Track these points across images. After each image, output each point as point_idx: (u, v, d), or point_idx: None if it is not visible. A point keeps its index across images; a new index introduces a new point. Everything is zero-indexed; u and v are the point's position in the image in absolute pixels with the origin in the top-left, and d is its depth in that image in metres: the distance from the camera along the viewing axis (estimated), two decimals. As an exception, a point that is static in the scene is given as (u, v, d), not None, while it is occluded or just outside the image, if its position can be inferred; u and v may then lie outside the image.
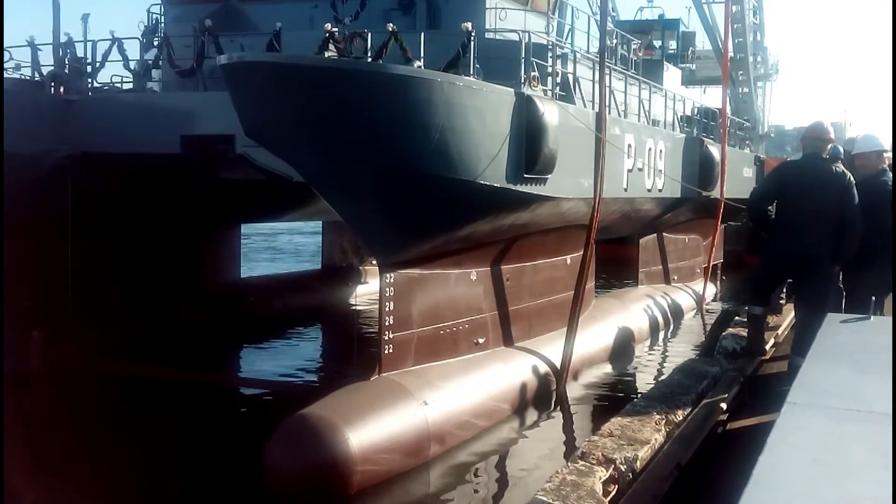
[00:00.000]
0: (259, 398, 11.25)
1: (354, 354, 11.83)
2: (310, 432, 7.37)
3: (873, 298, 5.88)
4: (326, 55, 9.14)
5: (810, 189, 7.19)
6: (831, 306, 6.35)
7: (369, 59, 9.11)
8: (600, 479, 5.08)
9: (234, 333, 13.63)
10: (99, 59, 11.64)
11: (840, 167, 7.39)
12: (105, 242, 11.68)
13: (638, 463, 5.43)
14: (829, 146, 7.51)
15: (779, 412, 2.98)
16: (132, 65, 11.91)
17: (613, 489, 5.13)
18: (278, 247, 33.13)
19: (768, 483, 2.26)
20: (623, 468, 5.28)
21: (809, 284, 7.34)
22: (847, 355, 3.91)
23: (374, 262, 17.64)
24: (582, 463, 5.29)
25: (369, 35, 9.43)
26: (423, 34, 9.53)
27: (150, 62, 11.89)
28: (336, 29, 9.57)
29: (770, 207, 7.70)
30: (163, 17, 13.36)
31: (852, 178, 7.20)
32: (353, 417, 7.61)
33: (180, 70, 11.37)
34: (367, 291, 17.67)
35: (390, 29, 9.19)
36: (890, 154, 7.82)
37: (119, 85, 12.52)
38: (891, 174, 7.47)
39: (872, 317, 4.95)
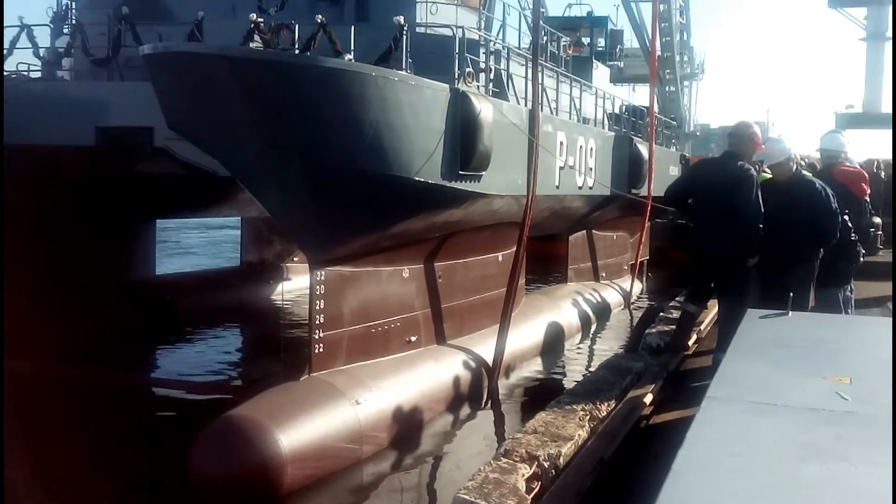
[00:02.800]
0: (176, 400, 11.11)
1: (281, 353, 11.87)
2: (237, 434, 7.39)
3: (791, 294, 6.30)
4: (251, 46, 9.16)
5: (713, 186, 7.54)
6: (760, 302, 6.69)
7: (297, 52, 9.17)
8: (523, 476, 5.16)
9: (149, 333, 13.38)
10: (7, 45, 11.39)
11: (745, 164, 7.74)
12: (12, 240, 11.39)
13: (561, 459, 5.54)
14: (752, 145, 7.85)
15: (700, 406, 3.24)
16: (41, 52, 11.66)
17: (537, 486, 5.22)
18: (187, 243, 32.10)
19: (686, 476, 2.47)
20: (546, 465, 5.38)
21: (725, 280, 7.71)
22: (765, 350, 4.24)
23: (297, 258, 17.74)
24: (505, 460, 5.37)
25: (297, 26, 9.50)
26: (352, 27, 9.65)
27: (62, 50, 11.67)
28: (261, 20, 9.58)
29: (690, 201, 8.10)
30: (73, 3, 13.08)
31: (752, 174, 7.53)
32: (282, 418, 7.68)
33: (95, 59, 11.21)
34: (290, 288, 17.65)
35: (319, 20, 9.25)
36: (797, 154, 8.23)
37: (27, 73, 12.24)
38: (806, 173, 7.91)
39: (790, 312, 5.33)
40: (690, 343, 9.02)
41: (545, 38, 14.51)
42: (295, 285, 17.71)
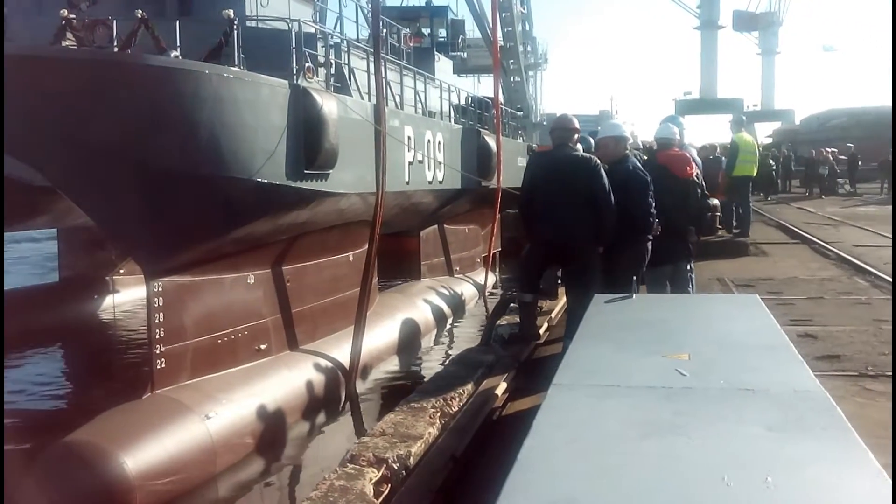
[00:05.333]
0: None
1: (135, 372, 11.37)
2: (77, 461, 7.11)
3: (634, 278, 6.67)
4: (64, 45, 8.77)
5: (560, 176, 7.84)
6: (600, 287, 7.01)
7: (115, 49, 8.84)
8: (371, 480, 5.13)
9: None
10: None
11: (590, 155, 8.16)
12: None
13: (411, 459, 5.53)
14: (577, 136, 8.26)
15: (546, 394, 3.39)
16: None
17: (386, 489, 5.21)
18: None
19: (531, 465, 2.59)
20: (396, 466, 5.36)
21: (574, 268, 8.01)
22: (610, 333, 4.47)
23: (124, 270, 16.99)
24: (351, 466, 5.32)
25: (114, 23, 9.15)
26: (177, 22, 9.40)
27: None
28: (73, 16, 9.18)
29: None
30: None
31: (598, 162, 7.93)
32: (126, 440, 7.45)
33: None
34: (120, 302, 16.93)
35: (139, 16, 8.95)
36: (629, 140, 8.74)
37: None
38: (634, 160, 8.36)
39: (635, 295, 5.65)
40: (542, 331, 9.31)
41: (384, 29, 14.61)
42: (123, 298, 16.99)
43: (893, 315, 8.76)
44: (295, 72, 9.96)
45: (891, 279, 12.07)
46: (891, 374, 7.18)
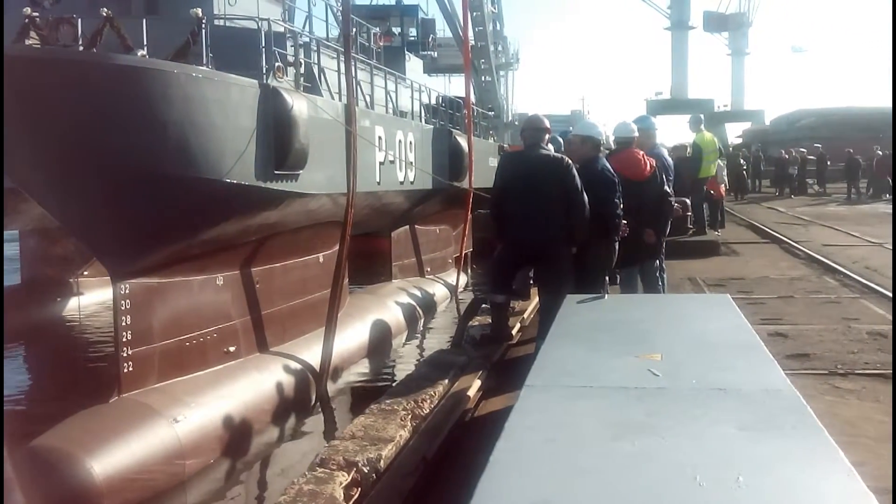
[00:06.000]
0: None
1: (101, 375, 11.24)
2: (43, 466, 7.05)
3: (608, 278, 6.70)
4: (27, 44, 8.65)
5: (533, 176, 7.84)
6: (573, 287, 7.04)
7: (80, 48, 8.75)
8: (341, 484, 5.07)
9: None
10: None
11: (558, 153, 8.18)
12: None
13: (382, 462, 5.49)
14: (548, 136, 8.28)
15: (518, 395, 3.39)
16: None
17: (356, 492, 5.16)
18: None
19: (503, 466, 2.59)
20: (366, 470, 5.32)
21: (547, 268, 8.03)
22: (583, 334, 4.49)
23: (88, 272, 16.77)
24: (321, 470, 5.26)
25: (79, 21, 9.05)
26: (144, 21, 9.33)
27: None
28: (36, 14, 9.06)
29: None
30: None
31: (570, 162, 7.95)
32: (93, 445, 7.39)
33: None
34: (84, 304, 16.72)
35: (105, 14, 8.86)
36: (601, 139, 8.78)
37: None
38: (604, 161, 8.40)
39: (606, 295, 5.68)
40: (514, 332, 9.34)
41: (354, 28, 14.58)
42: (88, 300, 16.79)
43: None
44: (264, 71, 9.91)
45: (860, 278, 12.26)
46: (860, 371, 7.29)
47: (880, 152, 35.78)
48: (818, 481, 2.49)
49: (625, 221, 8.06)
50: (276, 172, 9.70)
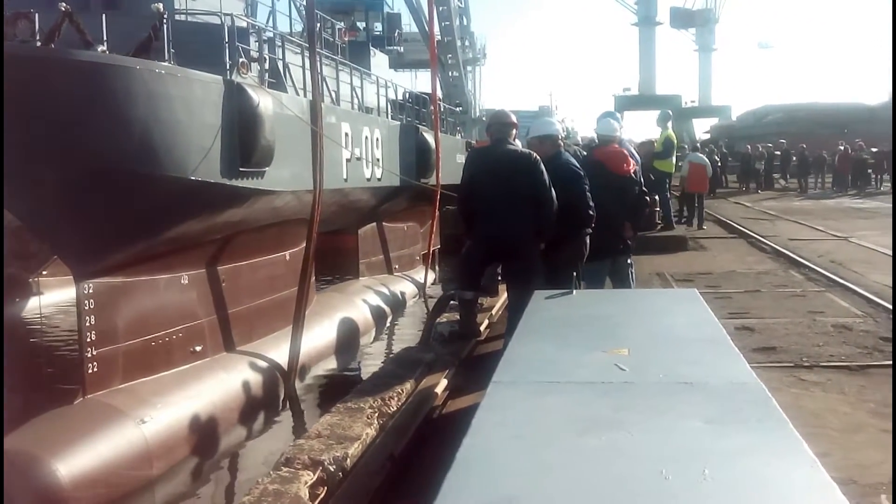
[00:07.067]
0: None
1: (65, 376, 11.11)
2: (7, 469, 6.95)
3: (574, 274, 6.74)
4: None
5: (501, 172, 7.85)
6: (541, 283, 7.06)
7: (38, 44, 8.64)
8: (306, 483, 5.03)
9: None
10: None
11: (525, 149, 8.19)
12: None
13: (348, 461, 5.46)
14: (514, 131, 8.30)
15: (486, 392, 3.41)
16: None
17: (322, 491, 5.13)
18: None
19: (470, 463, 2.58)
20: (332, 468, 5.27)
21: (515, 265, 8.05)
22: (551, 329, 4.51)
23: (47, 272, 16.53)
24: (286, 469, 5.22)
25: (36, 16, 8.93)
26: (104, 16, 9.23)
27: None
28: None
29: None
30: None
31: (538, 157, 7.96)
32: (58, 447, 7.34)
33: None
34: (45, 304, 16.48)
35: (63, 9, 8.75)
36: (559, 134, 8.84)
37: None
38: (567, 154, 8.45)
39: (575, 291, 5.72)
40: (482, 328, 9.38)
41: (318, 23, 14.53)
42: (49, 300, 16.57)
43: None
44: (228, 67, 9.85)
45: (826, 272, 12.46)
46: (825, 364, 7.42)
47: (841, 147, 36.37)
48: (782, 473, 2.54)
49: (594, 214, 8.06)
50: (241, 170, 9.65)
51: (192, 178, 8.88)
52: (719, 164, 35.86)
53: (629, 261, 9.18)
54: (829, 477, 2.48)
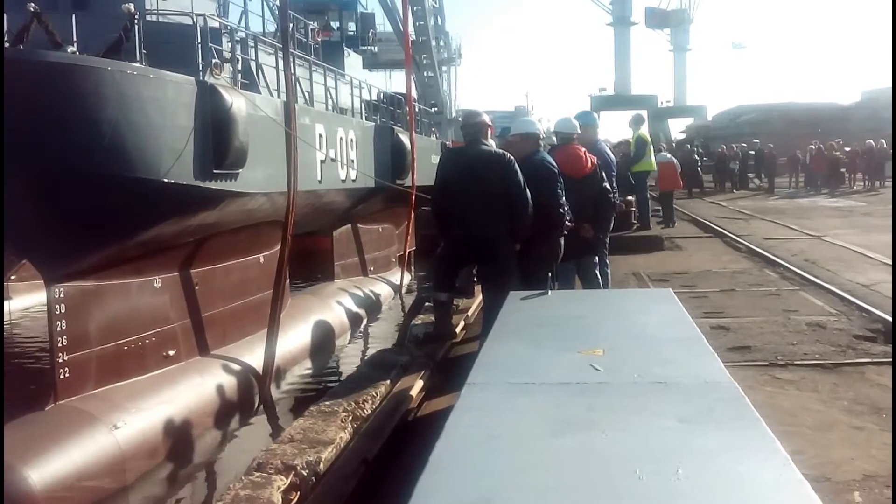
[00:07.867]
0: None
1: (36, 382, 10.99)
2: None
3: (549, 274, 6.77)
4: None
5: (474, 172, 7.83)
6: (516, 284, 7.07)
7: (7, 45, 8.58)
8: (279, 488, 5.03)
9: None
10: None
11: (499, 149, 8.17)
12: None
13: (321, 465, 5.46)
14: (489, 131, 8.29)
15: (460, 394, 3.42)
16: None
17: (295, 496, 5.14)
18: None
19: (443, 465, 2.59)
20: (305, 473, 5.28)
21: (490, 266, 8.05)
22: (526, 330, 4.53)
23: (15, 276, 16.34)
24: (258, 474, 5.21)
25: (4, 17, 8.86)
26: (73, 16, 9.17)
27: None
28: None
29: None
30: None
31: (512, 158, 7.94)
32: (29, 454, 7.25)
33: None
34: (13, 309, 16.30)
35: (32, 9, 8.70)
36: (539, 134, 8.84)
37: None
38: (544, 154, 8.46)
39: (550, 291, 5.75)
40: (458, 330, 9.39)
41: (291, 23, 14.49)
42: (18, 306, 16.40)
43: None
44: (201, 68, 9.81)
45: (800, 271, 12.60)
46: (799, 362, 7.51)
47: (813, 147, 36.78)
48: (755, 471, 2.57)
49: (569, 214, 8.09)
50: (214, 171, 9.61)
51: (165, 180, 8.83)
52: (699, 163, 36.10)
53: (602, 261, 9.22)
54: (800, 474, 2.52)
